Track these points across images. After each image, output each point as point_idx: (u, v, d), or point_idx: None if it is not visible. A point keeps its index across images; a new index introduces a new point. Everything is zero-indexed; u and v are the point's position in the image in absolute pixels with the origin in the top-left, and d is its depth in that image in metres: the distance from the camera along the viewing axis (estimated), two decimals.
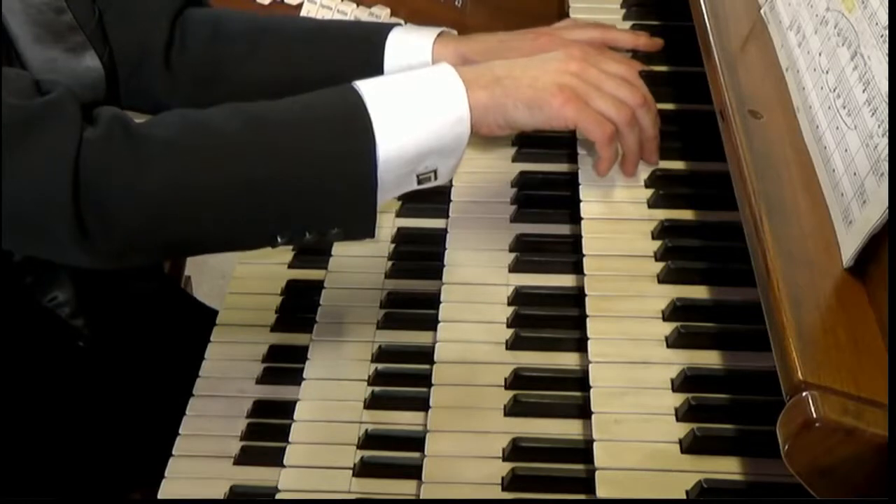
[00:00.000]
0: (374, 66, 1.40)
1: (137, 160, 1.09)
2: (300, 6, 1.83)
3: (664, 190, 1.29)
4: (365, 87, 1.17)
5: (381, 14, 1.83)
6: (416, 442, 1.14)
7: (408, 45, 1.41)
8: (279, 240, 1.17)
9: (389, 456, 1.16)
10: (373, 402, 1.21)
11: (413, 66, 1.40)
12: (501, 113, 1.20)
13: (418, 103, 1.17)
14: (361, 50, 1.42)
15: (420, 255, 1.38)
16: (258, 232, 1.17)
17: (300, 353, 1.28)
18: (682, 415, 1.06)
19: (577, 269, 1.24)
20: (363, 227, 1.17)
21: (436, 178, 1.20)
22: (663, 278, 1.20)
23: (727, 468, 1.03)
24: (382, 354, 1.27)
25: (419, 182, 1.20)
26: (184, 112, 1.16)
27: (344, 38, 1.44)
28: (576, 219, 1.29)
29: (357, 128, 1.14)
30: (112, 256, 1.14)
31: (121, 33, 1.41)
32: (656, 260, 1.22)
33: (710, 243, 1.22)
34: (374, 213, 1.16)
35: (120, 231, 1.10)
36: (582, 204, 1.29)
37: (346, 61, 1.42)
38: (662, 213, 1.27)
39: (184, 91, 1.45)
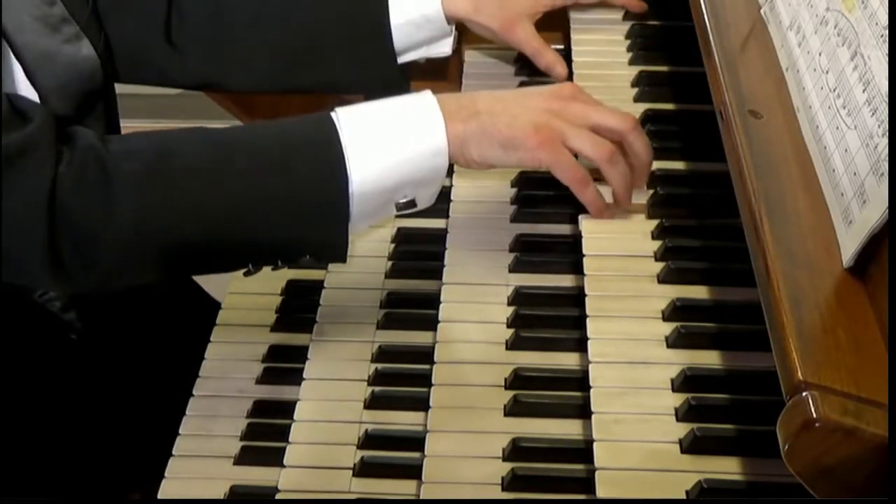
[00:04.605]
0: (379, 17, 1.44)
1: (110, 196, 1.09)
2: None
3: (664, 190, 1.29)
4: (343, 115, 1.16)
5: None
6: (416, 442, 1.14)
7: None
8: (251, 267, 1.18)
9: (389, 456, 1.16)
10: (373, 402, 1.21)
11: (423, 11, 1.45)
12: (476, 148, 1.19)
13: (395, 134, 1.16)
14: (364, 2, 1.45)
15: (420, 255, 1.38)
16: (230, 260, 1.19)
17: (300, 353, 1.28)
18: (682, 415, 1.06)
19: (577, 269, 1.24)
20: (334, 255, 1.18)
21: (415, 205, 1.20)
22: (663, 278, 1.20)
23: (727, 468, 1.02)
24: (382, 354, 1.26)
25: (398, 209, 1.20)
26: (153, 140, 1.16)
27: None
28: (576, 219, 1.29)
29: (330, 160, 1.14)
30: (90, 286, 1.16)
31: (117, 17, 1.43)
32: (656, 260, 1.22)
33: (710, 243, 1.22)
34: (346, 243, 1.16)
35: (96, 264, 1.12)
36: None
37: (350, 17, 1.45)
38: (662, 213, 1.27)
39: (194, 64, 1.48)
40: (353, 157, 1.14)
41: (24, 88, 1.27)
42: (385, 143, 1.16)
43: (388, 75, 1.50)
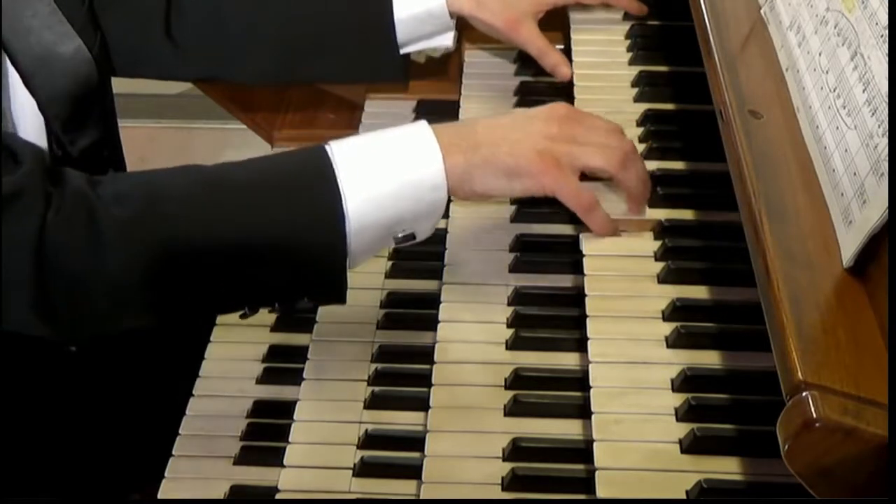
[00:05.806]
0: (383, 12, 1.45)
1: (100, 242, 1.07)
2: None
3: (664, 190, 1.29)
4: (338, 150, 1.13)
5: None
6: (416, 442, 1.14)
7: None
8: (248, 311, 1.17)
9: (389, 456, 1.16)
10: (373, 402, 1.21)
11: (427, 6, 1.46)
12: (480, 180, 1.17)
13: (392, 170, 1.13)
14: None
15: (420, 255, 1.37)
16: (225, 303, 1.18)
17: (300, 353, 1.28)
18: (682, 415, 1.06)
19: (577, 269, 1.24)
20: (333, 297, 1.17)
21: (414, 238, 1.18)
22: (663, 278, 1.20)
23: (727, 468, 1.03)
24: (382, 354, 1.26)
25: (397, 243, 1.17)
26: (143, 182, 1.13)
27: None
28: (576, 219, 1.29)
29: (325, 198, 1.11)
30: (84, 333, 1.14)
31: (116, 14, 1.43)
32: (656, 260, 1.22)
33: (710, 243, 1.22)
34: (344, 284, 1.15)
35: (88, 311, 1.10)
36: None
37: (354, 13, 1.47)
38: (662, 213, 1.27)
39: (194, 59, 1.49)
40: (349, 195, 1.11)
41: (22, 95, 1.26)
42: (382, 180, 1.13)
43: (390, 69, 1.51)
